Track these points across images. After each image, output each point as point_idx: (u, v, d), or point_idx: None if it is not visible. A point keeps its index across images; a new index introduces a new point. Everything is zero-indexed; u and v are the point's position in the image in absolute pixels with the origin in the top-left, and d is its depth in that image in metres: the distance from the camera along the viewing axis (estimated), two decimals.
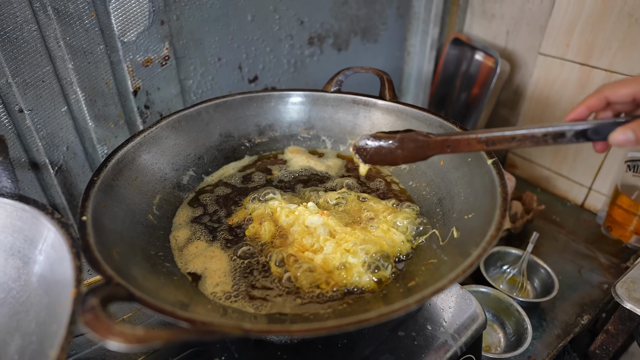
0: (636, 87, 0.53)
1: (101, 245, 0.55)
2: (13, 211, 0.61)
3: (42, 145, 0.89)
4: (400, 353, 0.65)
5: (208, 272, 0.66)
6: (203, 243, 0.72)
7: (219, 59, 1.09)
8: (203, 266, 0.67)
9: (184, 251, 0.70)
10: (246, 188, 0.85)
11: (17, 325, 0.56)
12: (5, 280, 0.60)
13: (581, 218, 1.34)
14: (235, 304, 0.61)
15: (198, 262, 0.68)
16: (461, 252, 0.58)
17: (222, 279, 0.65)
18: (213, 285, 0.64)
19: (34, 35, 0.80)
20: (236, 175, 0.89)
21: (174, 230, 0.74)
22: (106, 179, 0.67)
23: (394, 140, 0.65)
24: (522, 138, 0.59)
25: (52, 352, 0.42)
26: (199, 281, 0.65)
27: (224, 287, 0.64)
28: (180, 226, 0.75)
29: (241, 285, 0.64)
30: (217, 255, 0.69)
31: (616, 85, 0.55)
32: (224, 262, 0.68)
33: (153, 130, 0.79)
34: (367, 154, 0.67)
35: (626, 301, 0.83)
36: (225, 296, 0.62)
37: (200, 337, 0.40)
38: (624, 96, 0.54)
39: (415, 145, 0.65)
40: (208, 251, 0.70)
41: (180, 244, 0.72)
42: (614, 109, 0.58)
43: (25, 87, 0.83)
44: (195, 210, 0.79)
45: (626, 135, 0.51)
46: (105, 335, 0.36)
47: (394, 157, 0.66)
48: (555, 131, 0.57)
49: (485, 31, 1.44)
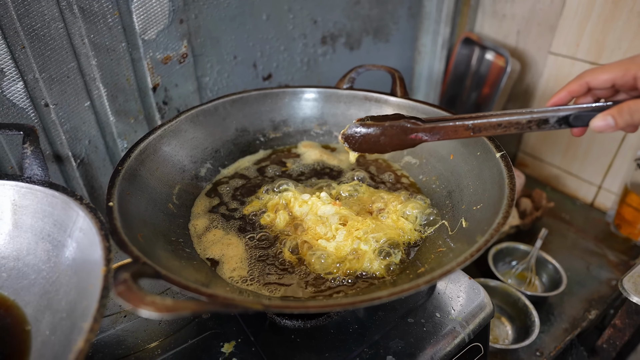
0: (616, 73, 0.55)
1: (127, 229, 0.58)
2: (43, 197, 0.64)
3: (65, 138, 0.93)
4: (410, 338, 0.67)
5: (225, 258, 0.69)
6: (220, 231, 0.75)
7: (234, 57, 1.12)
8: (220, 252, 0.70)
9: (203, 238, 0.73)
10: (261, 180, 0.88)
11: (48, 303, 0.59)
12: (36, 262, 0.63)
13: (590, 216, 1.35)
14: (251, 287, 0.64)
15: (216, 248, 0.71)
16: (469, 240, 0.60)
17: (239, 265, 0.68)
18: (230, 270, 0.67)
19: (61, 32, 0.84)
20: (251, 167, 0.92)
21: (193, 219, 0.77)
22: (130, 169, 0.70)
23: (382, 128, 0.66)
24: (508, 124, 0.61)
25: (85, 324, 0.46)
26: (217, 266, 0.68)
27: (240, 272, 0.67)
28: (199, 215, 0.78)
29: (256, 270, 0.67)
30: (234, 243, 0.72)
31: (597, 71, 0.56)
32: (240, 249, 0.71)
33: (173, 124, 0.82)
34: (355, 141, 0.68)
35: (633, 295, 0.84)
36: (242, 280, 0.65)
37: (222, 309, 0.43)
38: (604, 82, 0.56)
39: (403, 133, 0.66)
40: (225, 239, 0.73)
41: (199, 232, 0.75)
42: (595, 95, 0.60)
43: (51, 83, 0.87)
44: (212, 200, 0.82)
45: (606, 121, 0.53)
46: (138, 305, 0.39)
47: (383, 144, 0.67)
48: (539, 117, 0.59)
49: (496, 31, 1.45)
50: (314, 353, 0.66)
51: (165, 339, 0.69)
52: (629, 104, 0.52)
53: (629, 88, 0.56)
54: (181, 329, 0.70)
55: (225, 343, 0.67)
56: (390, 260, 0.67)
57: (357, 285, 0.64)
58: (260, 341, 0.67)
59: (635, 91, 0.56)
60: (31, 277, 0.63)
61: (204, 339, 0.68)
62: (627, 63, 0.54)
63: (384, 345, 0.66)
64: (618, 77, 0.55)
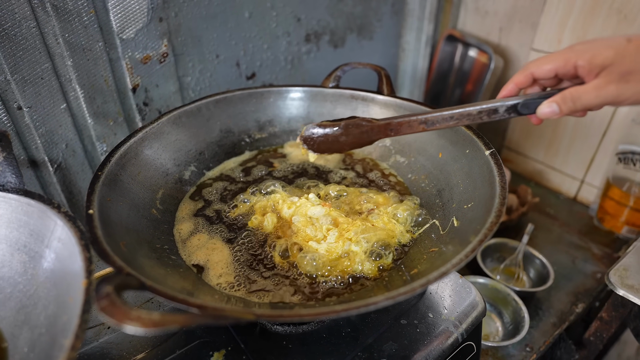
0: (557, 62, 0.56)
1: (109, 238, 0.55)
2: (18, 206, 0.61)
3: (41, 142, 0.89)
4: (403, 340, 0.66)
5: (211, 264, 0.67)
6: (205, 235, 0.73)
7: (217, 56, 1.09)
8: (206, 258, 0.68)
9: (187, 243, 0.71)
10: (247, 181, 0.86)
11: (25, 318, 0.56)
12: (11, 274, 0.60)
13: (574, 210, 1.37)
14: (239, 293, 0.62)
15: (201, 253, 0.69)
16: (462, 240, 0.60)
17: (225, 270, 0.66)
18: (217, 277, 0.65)
19: (33, 32, 0.80)
20: (237, 168, 0.89)
21: (177, 224, 0.75)
22: (110, 174, 0.67)
23: (338, 127, 0.69)
24: (459, 116, 0.63)
25: (67, 341, 0.43)
26: (203, 272, 0.66)
27: (227, 277, 0.65)
28: (183, 219, 0.76)
29: (242, 276, 0.65)
30: (219, 247, 0.70)
31: (540, 62, 0.58)
32: (225, 253, 0.69)
33: (155, 125, 0.80)
34: (314, 142, 0.70)
35: (619, 288, 0.85)
36: (229, 286, 0.63)
37: (213, 322, 0.41)
38: (547, 72, 0.58)
39: (360, 131, 0.68)
40: (210, 243, 0.71)
41: (184, 237, 0.72)
42: (540, 84, 0.63)
43: (24, 84, 0.83)
44: (197, 203, 0.80)
45: (551, 108, 0.56)
46: (123, 320, 0.37)
47: (341, 143, 0.70)
48: (489, 108, 0.61)
49: (478, 27, 1.46)
50: (306, 359, 0.65)
51: (152, 350, 0.66)
52: (570, 91, 0.55)
53: (570, 77, 0.58)
54: (168, 339, 0.67)
55: (215, 352, 0.65)
56: (382, 262, 0.66)
57: (350, 287, 0.63)
58: (250, 348, 0.66)
59: (577, 79, 0.58)
60: (6, 291, 0.59)
61: (193, 349, 0.66)
62: (567, 52, 0.56)
63: (378, 348, 0.65)
64: (560, 67, 0.56)
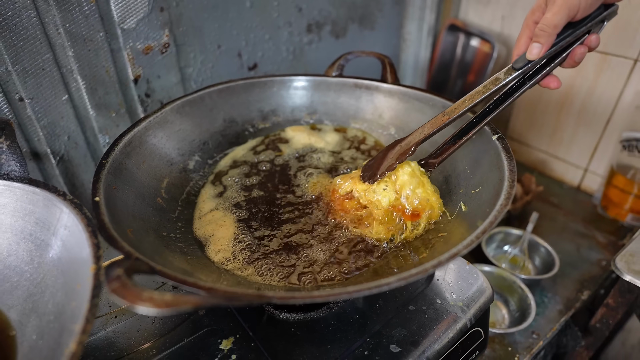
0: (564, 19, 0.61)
1: (116, 225, 0.55)
2: (23, 194, 0.61)
3: (43, 134, 0.88)
4: (412, 326, 0.66)
5: (213, 238, 0.69)
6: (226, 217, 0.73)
7: (218, 47, 1.08)
8: (216, 239, 0.68)
9: (203, 219, 0.72)
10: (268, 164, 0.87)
11: (33, 306, 0.56)
12: (18, 263, 0.60)
13: (578, 199, 1.37)
14: (247, 273, 0.62)
15: (217, 243, 0.69)
16: (470, 224, 0.59)
17: (224, 246, 0.67)
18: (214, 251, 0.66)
19: (33, 21, 0.79)
20: (248, 154, 0.90)
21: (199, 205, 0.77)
22: (115, 162, 0.67)
23: None
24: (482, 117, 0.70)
25: (77, 325, 0.43)
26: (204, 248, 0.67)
27: (235, 263, 0.65)
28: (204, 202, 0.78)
29: (261, 260, 0.65)
30: (227, 225, 0.72)
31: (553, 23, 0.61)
32: (230, 230, 0.70)
33: (158, 115, 0.79)
34: None
35: (626, 273, 0.84)
36: (238, 269, 0.63)
37: (225, 303, 0.40)
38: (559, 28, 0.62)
39: None
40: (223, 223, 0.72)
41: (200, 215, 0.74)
42: None
43: (25, 75, 0.82)
44: (217, 188, 0.81)
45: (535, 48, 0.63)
46: (135, 301, 0.36)
47: None
48: None
49: (480, 16, 1.45)
50: (315, 345, 0.64)
51: (160, 339, 0.66)
52: (538, 25, 0.62)
53: None
54: (176, 327, 0.67)
55: (224, 339, 0.65)
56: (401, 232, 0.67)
57: (359, 273, 0.63)
58: (259, 336, 0.65)
59: None
60: (13, 280, 0.59)
61: (201, 337, 0.65)
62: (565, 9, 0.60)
63: (387, 334, 0.65)
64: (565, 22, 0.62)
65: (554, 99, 1.34)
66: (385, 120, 0.92)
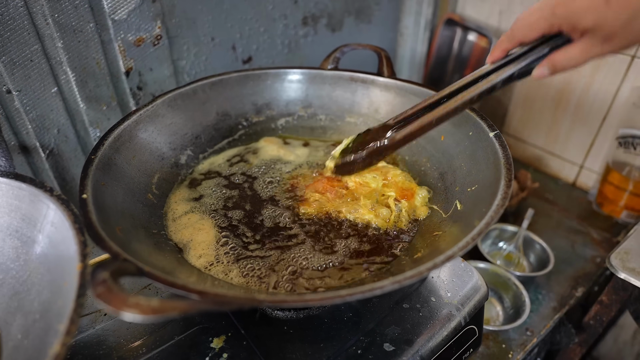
0: (543, 29, 0.59)
1: (104, 223, 0.54)
2: (9, 190, 0.59)
3: (32, 127, 0.86)
4: (406, 324, 0.66)
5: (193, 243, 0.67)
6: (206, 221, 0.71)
7: (212, 39, 1.06)
8: (197, 246, 0.67)
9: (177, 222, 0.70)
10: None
11: (19, 305, 0.55)
12: (3, 260, 0.58)
13: (573, 196, 1.37)
14: (240, 281, 0.61)
15: (197, 247, 0.67)
16: (466, 223, 0.58)
17: (205, 251, 0.66)
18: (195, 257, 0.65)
19: (20, 11, 0.77)
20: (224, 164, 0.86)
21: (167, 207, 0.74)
22: (104, 157, 0.65)
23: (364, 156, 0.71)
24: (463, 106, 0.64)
25: (61, 325, 0.41)
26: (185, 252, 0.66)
27: (220, 266, 0.63)
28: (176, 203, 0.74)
29: (250, 266, 0.64)
30: (205, 229, 0.69)
31: (525, 29, 0.61)
32: (210, 235, 0.68)
33: (149, 108, 0.77)
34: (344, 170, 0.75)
35: (620, 271, 0.84)
36: (223, 273, 0.62)
37: (215, 308, 0.39)
38: (534, 39, 0.61)
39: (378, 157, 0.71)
40: (200, 227, 0.70)
41: (174, 217, 0.71)
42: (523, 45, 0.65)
43: (13, 67, 0.80)
44: (192, 192, 0.78)
45: (542, 72, 0.60)
46: (120, 307, 0.35)
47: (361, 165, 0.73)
48: (488, 88, 0.64)
49: (478, 11, 1.43)
50: (308, 344, 0.64)
51: (150, 337, 0.65)
52: (559, 56, 0.59)
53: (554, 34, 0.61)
54: (167, 325, 0.66)
55: (215, 338, 0.64)
56: None
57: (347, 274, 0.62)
58: (251, 334, 0.64)
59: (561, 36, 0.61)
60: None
61: (192, 335, 0.64)
62: (550, 17, 0.57)
63: (380, 332, 0.65)
64: (545, 32, 0.59)
65: (551, 96, 1.33)
66: (382, 115, 0.90)
